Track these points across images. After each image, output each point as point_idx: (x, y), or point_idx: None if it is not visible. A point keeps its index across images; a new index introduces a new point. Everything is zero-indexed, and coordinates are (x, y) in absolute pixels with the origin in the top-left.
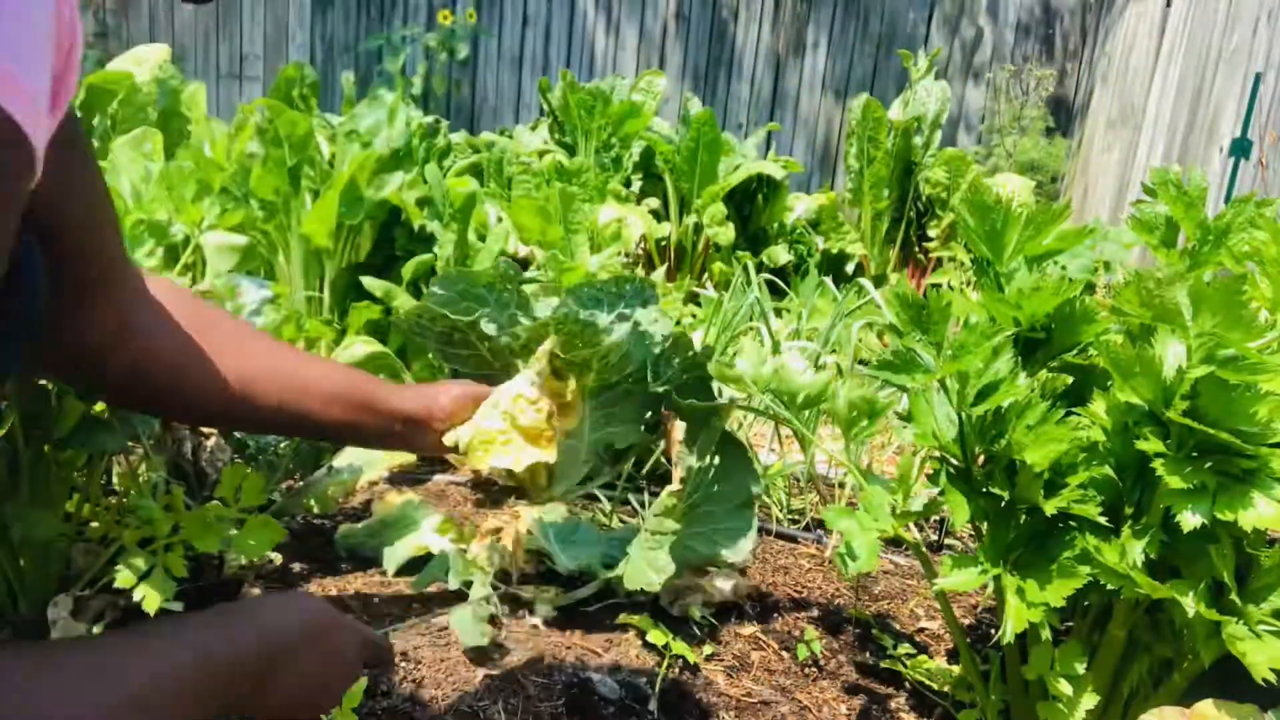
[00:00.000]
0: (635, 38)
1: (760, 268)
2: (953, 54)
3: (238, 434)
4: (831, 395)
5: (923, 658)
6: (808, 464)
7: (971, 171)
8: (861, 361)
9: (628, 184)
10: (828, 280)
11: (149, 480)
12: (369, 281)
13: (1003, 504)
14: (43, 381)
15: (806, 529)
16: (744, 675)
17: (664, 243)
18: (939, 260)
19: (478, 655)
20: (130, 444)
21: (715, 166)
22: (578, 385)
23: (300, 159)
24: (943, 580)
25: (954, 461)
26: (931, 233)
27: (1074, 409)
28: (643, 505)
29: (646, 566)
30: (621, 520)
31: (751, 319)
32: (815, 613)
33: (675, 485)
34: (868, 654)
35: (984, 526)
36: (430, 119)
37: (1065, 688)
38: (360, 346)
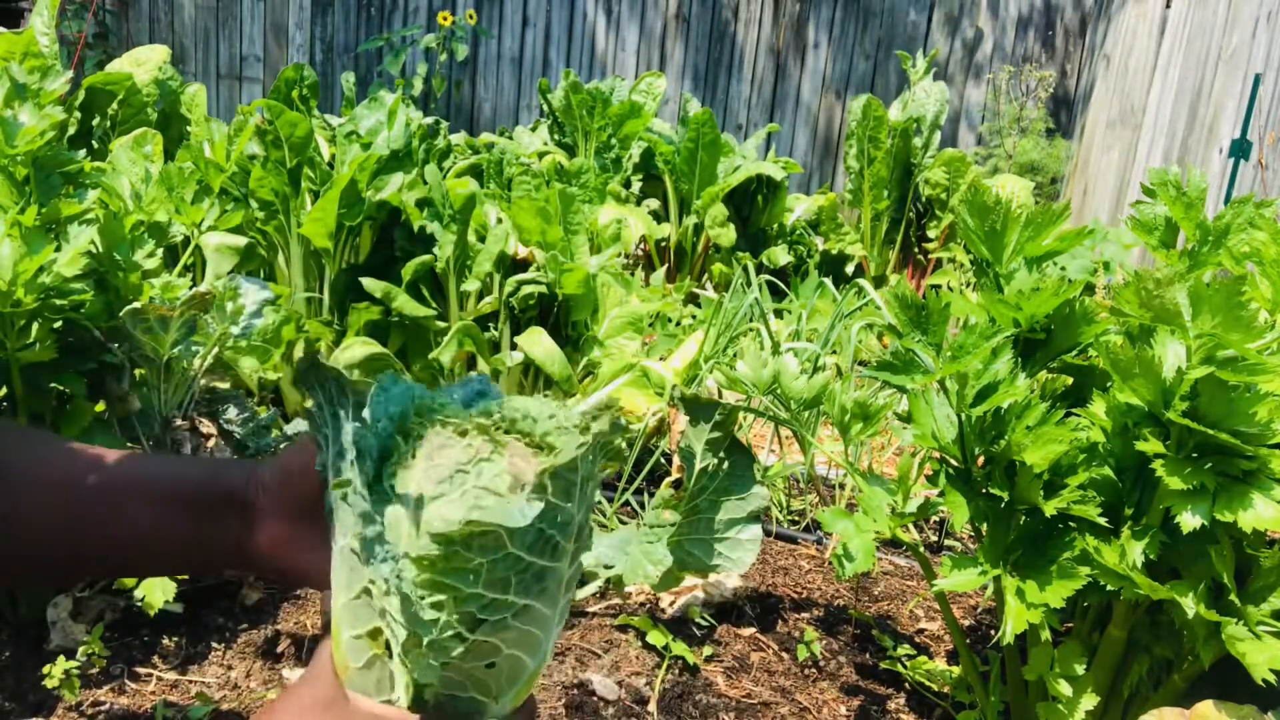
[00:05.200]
0: (636, 38)
1: (760, 269)
2: (953, 54)
3: (237, 435)
4: (830, 397)
5: (922, 659)
6: (807, 465)
7: (971, 172)
8: (861, 362)
9: (627, 185)
10: (827, 281)
11: None
12: (369, 282)
13: (1002, 505)
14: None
15: (806, 530)
16: (744, 676)
17: (664, 243)
18: (938, 261)
19: None
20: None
21: (715, 167)
22: None
23: (300, 160)
24: (942, 581)
25: (953, 462)
26: (931, 234)
27: (1074, 410)
28: (642, 506)
29: (644, 559)
30: (621, 521)
31: (751, 320)
32: (815, 613)
33: (674, 475)
34: (867, 655)
35: (983, 527)
36: (430, 120)
37: (1065, 688)
38: (360, 347)
